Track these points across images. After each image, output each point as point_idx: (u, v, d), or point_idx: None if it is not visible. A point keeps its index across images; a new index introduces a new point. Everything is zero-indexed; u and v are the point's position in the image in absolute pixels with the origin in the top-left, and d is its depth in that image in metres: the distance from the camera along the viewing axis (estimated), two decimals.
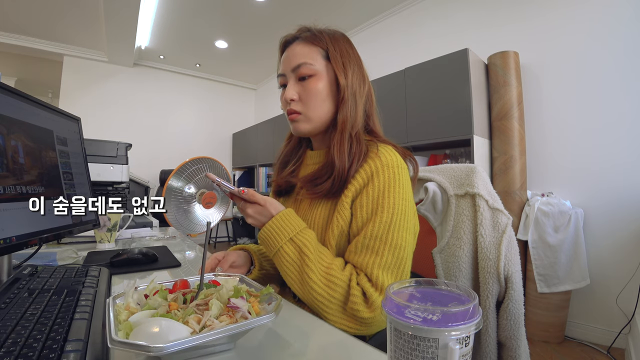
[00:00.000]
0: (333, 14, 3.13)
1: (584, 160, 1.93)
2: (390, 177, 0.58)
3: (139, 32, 3.35)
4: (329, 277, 0.54)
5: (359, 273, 0.55)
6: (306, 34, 0.66)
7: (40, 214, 0.65)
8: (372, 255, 0.55)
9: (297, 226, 0.57)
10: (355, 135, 0.63)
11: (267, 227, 0.57)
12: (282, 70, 0.67)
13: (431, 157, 2.33)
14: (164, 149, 4.33)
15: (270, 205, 0.58)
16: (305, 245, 0.55)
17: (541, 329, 1.86)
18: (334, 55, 0.65)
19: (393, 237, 0.56)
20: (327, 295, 0.53)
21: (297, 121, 0.66)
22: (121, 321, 0.35)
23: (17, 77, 4.74)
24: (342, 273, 0.55)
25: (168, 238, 1.27)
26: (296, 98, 0.64)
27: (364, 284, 0.53)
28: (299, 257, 0.55)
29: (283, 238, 0.56)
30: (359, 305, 0.52)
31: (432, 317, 0.23)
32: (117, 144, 1.71)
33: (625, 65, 1.80)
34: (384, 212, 0.56)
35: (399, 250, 0.56)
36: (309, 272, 0.54)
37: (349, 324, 0.53)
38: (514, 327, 0.67)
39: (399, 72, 2.36)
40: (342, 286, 0.54)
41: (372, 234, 0.56)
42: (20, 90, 0.67)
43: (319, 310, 0.54)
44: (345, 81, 0.64)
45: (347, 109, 0.63)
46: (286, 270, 0.56)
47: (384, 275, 0.54)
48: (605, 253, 1.85)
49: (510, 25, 2.25)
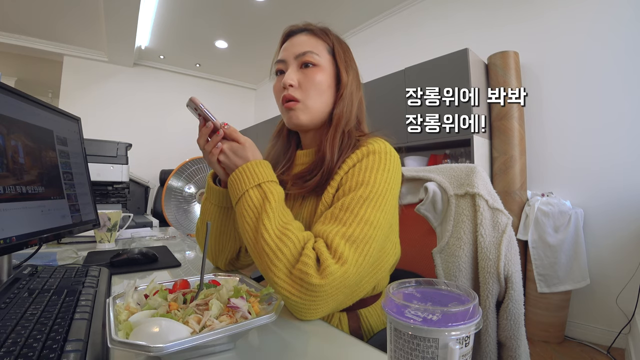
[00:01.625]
0: (333, 14, 3.13)
1: (584, 160, 1.93)
2: (376, 161, 0.57)
3: (139, 32, 3.35)
4: (284, 231, 0.49)
5: (317, 240, 0.50)
6: (313, 27, 0.67)
7: (40, 214, 0.65)
8: (338, 225, 0.51)
9: (269, 176, 0.54)
10: (347, 131, 0.63)
11: (240, 170, 0.54)
12: (284, 57, 0.65)
13: (431, 157, 2.33)
14: (164, 149, 4.33)
15: (249, 147, 0.56)
16: (272, 193, 0.52)
17: (541, 329, 1.86)
18: (338, 52, 0.65)
19: (365, 212, 0.51)
20: (276, 249, 0.48)
21: (295, 110, 0.63)
22: (121, 321, 0.35)
23: (17, 77, 4.74)
24: (299, 232, 0.50)
25: (168, 238, 1.27)
26: (295, 84, 0.62)
27: (320, 248, 0.48)
28: (261, 202, 0.52)
29: (252, 182, 0.53)
30: (309, 268, 0.46)
31: (432, 317, 0.23)
32: (117, 144, 1.71)
33: (625, 65, 1.80)
34: (362, 188, 0.54)
35: (368, 227, 0.51)
36: (265, 219, 0.50)
37: (292, 290, 0.46)
38: (514, 327, 0.67)
39: (399, 72, 2.36)
40: (296, 244, 0.48)
41: (344, 206, 0.52)
42: (20, 90, 0.67)
43: (265, 265, 0.49)
44: (347, 78, 0.64)
45: (343, 105, 0.64)
46: (244, 215, 0.52)
47: (345, 246, 0.48)
48: (605, 253, 1.85)
49: (510, 25, 2.26)
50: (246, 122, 5.02)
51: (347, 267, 0.47)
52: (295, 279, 0.47)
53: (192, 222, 1.37)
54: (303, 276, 0.46)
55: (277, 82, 0.66)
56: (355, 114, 0.66)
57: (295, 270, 0.47)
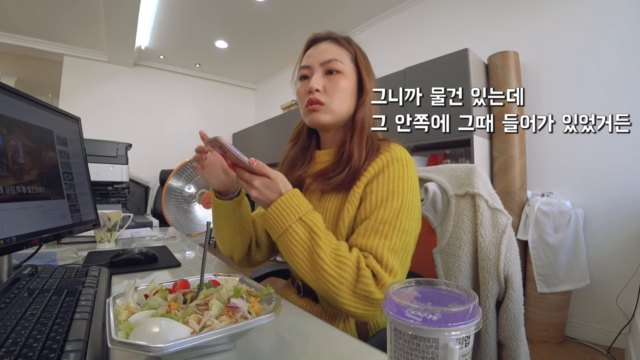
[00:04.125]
0: (333, 14, 3.13)
1: (584, 161, 1.93)
2: (400, 169, 0.61)
3: (139, 32, 3.35)
4: (339, 258, 0.53)
5: (367, 256, 0.55)
6: (337, 36, 0.71)
7: (40, 214, 0.65)
8: (382, 239, 0.56)
9: (306, 206, 0.57)
10: (369, 135, 0.68)
11: (275, 206, 0.55)
12: (309, 63, 0.69)
13: (431, 157, 2.33)
14: (164, 149, 4.33)
15: (280, 180, 0.57)
16: (315, 224, 0.55)
17: (541, 329, 1.86)
18: (360, 60, 0.70)
19: (401, 223, 0.58)
20: (338, 276, 0.52)
21: (319, 111, 0.67)
22: (121, 321, 0.35)
23: (17, 77, 4.74)
24: (350, 254, 0.55)
25: (168, 238, 1.27)
26: (321, 89, 0.66)
27: (374, 266, 0.54)
28: (309, 236, 0.54)
29: (292, 217, 0.55)
30: (371, 287, 0.52)
31: (432, 317, 0.23)
32: (117, 144, 1.71)
33: (625, 65, 1.80)
34: (394, 199, 0.59)
35: (405, 235, 0.58)
36: (320, 251, 0.53)
37: (358, 306, 0.53)
38: (514, 327, 0.67)
39: (399, 72, 2.36)
40: (352, 267, 0.53)
41: (382, 219, 0.57)
42: (20, 90, 0.67)
43: (329, 291, 0.53)
44: (369, 86, 0.70)
45: (365, 110, 0.68)
46: (294, 250, 0.55)
47: (392, 258, 0.55)
48: (605, 253, 1.85)
49: (510, 25, 2.25)
50: (246, 122, 5.02)
51: (397, 276, 0.55)
52: (360, 296, 0.53)
53: (192, 222, 1.37)
54: (367, 294, 0.52)
55: (302, 86, 0.70)
56: (372, 120, 0.70)
57: (357, 289, 0.53)
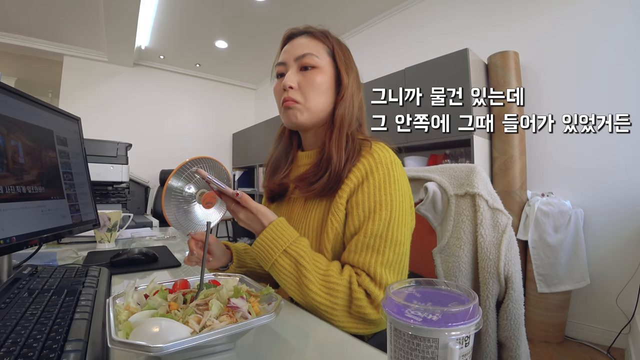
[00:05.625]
0: (333, 14, 3.13)
1: (584, 161, 1.93)
2: (385, 174, 0.58)
3: (139, 32, 3.35)
4: (329, 285, 0.52)
5: (360, 273, 0.54)
6: (313, 30, 0.67)
7: (40, 214, 0.65)
8: (374, 254, 0.55)
9: (290, 236, 0.55)
10: (350, 134, 0.63)
11: (259, 241, 0.55)
12: (284, 59, 0.66)
13: (431, 157, 2.33)
14: (164, 149, 4.32)
15: (262, 215, 0.56)
16: (300, 255, 0.53)
17: (541, 329, 1.86)
18: (338, 54, 0.66)
19: (393, 234, 0.56)
20: (330, 303, 0.52)
21: (293, 109, 0.63)
22: (121, 321, 0.35)
23: (17, 77, 4.73)
24: (340, 277, 0.53)
25: (168, 238, 1.27)
26: (295, 86, 0.63)
27: (367, 285, 0.53)
28: (296, 268, 0.53)
29: (277, 250, 0.54)
30: (365, 308, 0.52)
31: (432, 317, 0.23)
32: (117, 144, 1.71)
33: (625, 65, 1.80)
34: (383, 210, 0.56)
35: (399, 247, 0.56)
36: (308, 282, 0.52)
37: (357, 326, 0.53)
38: (514, 327, 0.67)
39: (399, 72, 2.35)
40: (344, 291, 0.52)
41: (372, 232, 0.55)
42: (20, 90, 0.67)
43: (325, 318, 0.53)
44: (347, 80, 0.65)
45: (345, 106, 0.64)
46: (284, 283, 0.54)
47: (386, 273, 0.54)
48: (605, 253, 1.85)
49: (510, 25, 2.25)
50: (246, 122, 5.02)
51: None
52: (355, 317, 0.53)
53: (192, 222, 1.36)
54: (362, 315, 0.52)
55: (278, 84, 0.67)
56: (356, 115, 0.66)
57: (352, 310, 0.53)
